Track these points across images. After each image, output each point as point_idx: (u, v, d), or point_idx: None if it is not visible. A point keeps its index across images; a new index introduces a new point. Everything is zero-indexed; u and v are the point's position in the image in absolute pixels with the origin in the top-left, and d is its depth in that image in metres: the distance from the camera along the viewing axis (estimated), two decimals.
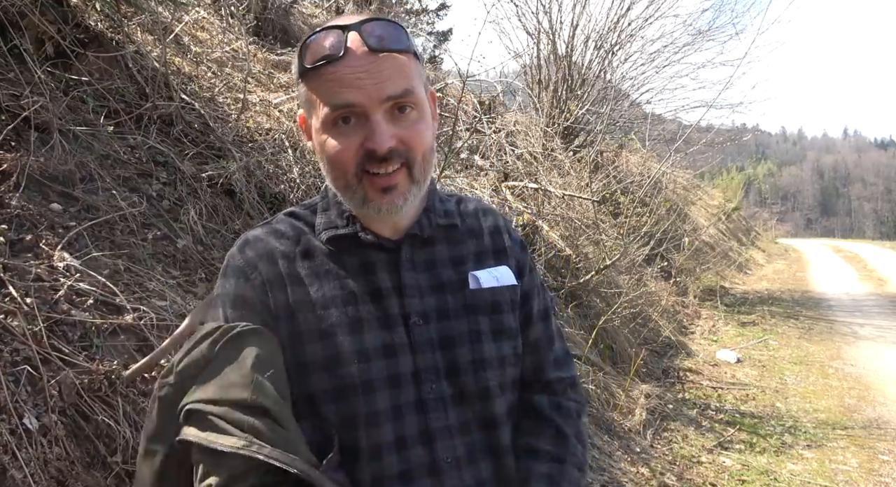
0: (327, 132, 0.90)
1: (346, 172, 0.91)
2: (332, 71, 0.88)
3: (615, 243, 5.57)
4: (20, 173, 2.04)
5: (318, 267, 0.96)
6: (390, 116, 0.89)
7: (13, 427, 1.43)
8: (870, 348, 7.03)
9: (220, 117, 3.25)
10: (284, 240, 0.98)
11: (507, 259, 1.06)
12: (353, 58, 0.87)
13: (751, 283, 12.16)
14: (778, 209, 64.72)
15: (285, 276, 0.94)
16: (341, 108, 0.88)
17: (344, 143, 0.89)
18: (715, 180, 20.69)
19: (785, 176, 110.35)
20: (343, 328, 0.92)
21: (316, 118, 0.92)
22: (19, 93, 2.27)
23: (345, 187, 0.93)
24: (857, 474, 3.82)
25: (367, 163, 0.89)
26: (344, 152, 0.89)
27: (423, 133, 0.92)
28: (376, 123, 0.87)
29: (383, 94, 0.88)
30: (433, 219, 1.02)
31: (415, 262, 0.98)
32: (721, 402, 5.02)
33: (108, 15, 2.95)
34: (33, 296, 1.70)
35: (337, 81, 0.88)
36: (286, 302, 0.93)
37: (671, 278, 7.86)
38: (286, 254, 0.96)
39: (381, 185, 0.90)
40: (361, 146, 0.88)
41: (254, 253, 0.96)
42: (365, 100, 0.87)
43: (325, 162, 0.93)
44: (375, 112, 0.88)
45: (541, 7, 7.94)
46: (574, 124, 7.67)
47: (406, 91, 0.89)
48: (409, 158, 0.91)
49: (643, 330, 5.78)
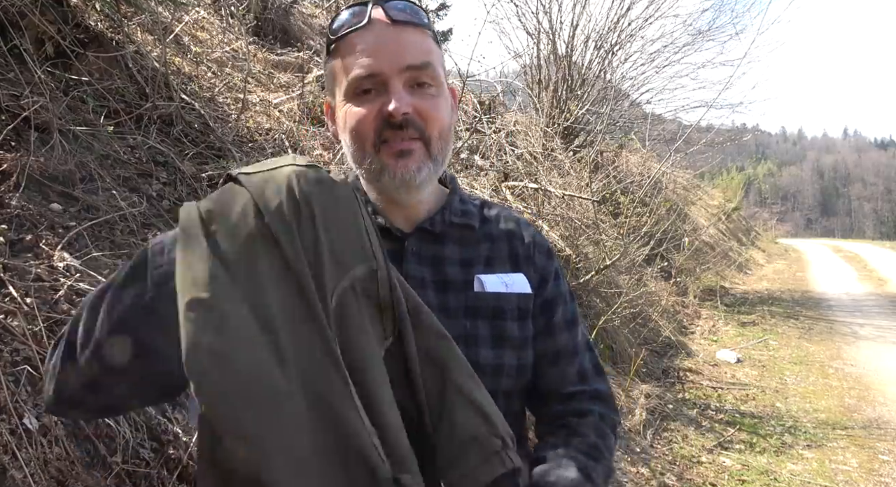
0: (349, 101, 0.92)
1: (364, 142, 0.92)
2: (355, 39, 0.90)
3: (615, 243, 5.56)
4: (20, 173, 2.04)
5: None
6: (410, 89, 0.91)
7: (13, 427, 1.43)
8: (870, 348, 7.03)
9: (220, 117, 3.25)
10: None
11: (526, 267, 1.03)
12: (375, 26, 0.90)
13: (751, 283, 12.16)
14: (778, 209, 64.78)
15: None
16: (363, 78, 0.89)
17: (365, 110, 0.90)
18: (715, 180, 20.69)
19: (785, 176, 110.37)
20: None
21: (339, 91, 0.94)
22: (19, 93, 2.27)
23: (362, 158, 0.93)
24: (857, 474, 3.82)
25: (385, 130, 0.90)
26: (363, 120, 0.90)
27: (441, 108, 0.93)
28: (395, 88, 0.89)
29: (403, 63, 0.89)
30: (447, 216, 1.01)
31: (421, 256, 0.97)
32: (721, 402, 5.02)
33: (108, 15, 2.95)
34: (33, 296, 1.70)
35: (360, 50, 0.90)
36: None
37: (671, 278, 7.86)
38: None
39: (396, 148, 0.91)
40: (380, 112, 0.89)
41: None
42: (385, 68, 0.89)
43: (346, 135, 0.94)
44: (394, 79, 0.89)
45: (541, 7, 7.94)
46: (574, 124, 7.67)
47: (425, 63, 0.91)
48: (424, 132, 0.91)
49: (643, 330, 5.78)
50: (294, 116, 3.90)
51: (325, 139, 3.91)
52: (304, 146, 3.60)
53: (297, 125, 3.78)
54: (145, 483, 1.62)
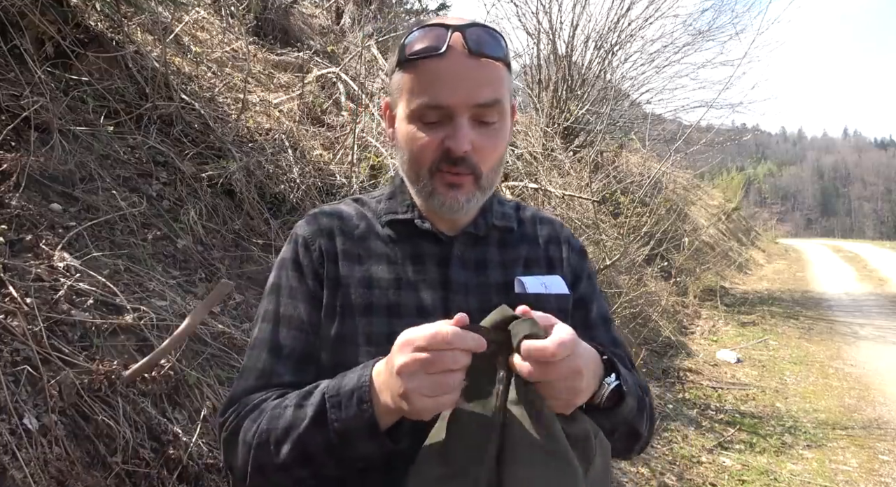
0: (413, 124, 0.93)
1: (421, 166, 0.94)
2: (430, 66, 0.90)
3: (615, 243, 5.56)
4: (20, 173, 2.04)
5: (373, 249, 1.01)
6: (473, 124, 0.92)
7: (13, 428, 1.43)
8: (870, 348, 7.03)
9: (220, 117, 3.25)
10: (347, 220, 1.04)
11: (561, 269, 1.07)
12: (453, 57, 0.90)
13: (751, 283, 12.16)
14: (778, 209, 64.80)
15: (340, 252, 1.00)
16: (432, 107, 0.90)
17: (427, 137, 0.92)
18: (715, 180, 20.67)
19: (785, 176, 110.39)
20: (381, 309, 0.96)
21: (403, 108, 0.95)
22: (19, 93, 2.27)
23: (416, 178, 0.96)
24: (857, 474, 3.82)
25: (442, 162, 0.92)
26: (424, 147, 0.92)
27: (498, 146, 0.95)
28: (459, 125, 0.90)
29: (474, 100, 0.90)
30: (490, 218, 1.04)
31: (465, 260, 1.00)
32: (721, 402, 5.02)
33: (108, 15, 2.95)
34: (33, 296, 1.70)
35: (433, 77, 0.90)
36: (336, 275, 0.98)
37: (671, 278, 7.85)
38: (346, 233, 1.02)
39: (448, 180, 0.94)
40: (442, 143, 0.91)
41: (317, 227, 1.02)
42: (456, 102, 0.90)
43: (404, 151, 0.96)
44: (462, 115, 0.90)
45: (541, 7, 7.94)
46: (574, 124, 7.67)
47: (495, 101, 0.92)
48: (477, 169, 0.93)
49: (643, 330, 5.78)
50: (294, 116, 3.90)
51: (324, 139, 3.91)
52: (304, 146, 3.61)
53: (297, 125, 3.78)
54: (145, 483, 1.62)
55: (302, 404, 0.86)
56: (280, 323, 0.98)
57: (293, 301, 0.98)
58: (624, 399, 0.90)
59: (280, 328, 0.97)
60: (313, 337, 0.97)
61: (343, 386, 0.84)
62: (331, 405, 0.83)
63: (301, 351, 0.96)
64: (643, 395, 0.99)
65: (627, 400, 0.91)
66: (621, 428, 0.93)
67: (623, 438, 0.96)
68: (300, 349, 0.96)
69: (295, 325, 0.97)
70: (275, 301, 1.00)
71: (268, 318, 0.99)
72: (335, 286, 0.98)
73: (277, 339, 0.97)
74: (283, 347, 0.96)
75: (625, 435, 0.95)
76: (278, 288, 1.01)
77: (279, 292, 1.00)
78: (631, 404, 0.92)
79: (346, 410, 0.82)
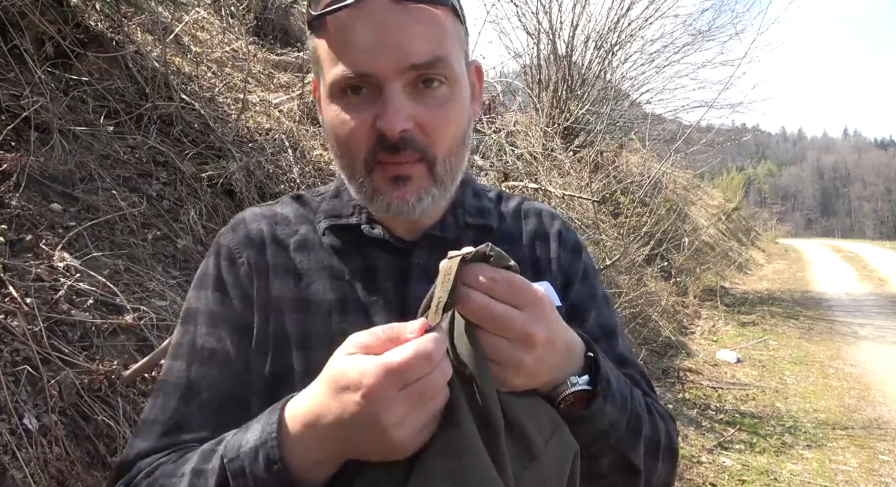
0: (335, 102, 0.72)
1: (354, 158, 0.73)
2: (342, 22, 0.69)
3: (615, 243, 5.57)
4: (20, 173, 2.04)
5: (314, 262, 0.79)
6: (412, 91, 0.70)
7: (13, 428, 1.43)
8: (870, 348, 7.03)
9: (220, 117, 3.25)
10: (283, 225, 0.83)
11: (550, 272, 0.85)
12: (371, 5, 0.68)
13: (751, 283, 12.16)
14: (778, 209, 64.88)
15: (271, 266, 0.79)
16: (352, 78, 0.69)
17: (354, 120, 0.70)
18: (715, 180, 20.68)
19: (785, 176, 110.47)
20: (322, 340, 0.74)
21: (323, 81, 0.74)
22: (19, 93, 2.27)
23: (352, 175, 0.75)
24: (857, 474, 3.82)
25: (379, 150, 0.70)
26: (354, 132, 0.71)
27: (451, 117, 0.72)
28: (390, 97, 0.68)
29: (405, 61, 0.68)
30: (461, 217, 0.83)
31: (429, 272, 0.75)
32: (721, 402, 5.02)
33: (108, 15, 2.95)
34: (33, 296, 1.70)
35: (346, 37, 0.69)
36: (268, 296, 0.77)
37: (671, 278, 7.86)
38: (279, 241, 0.81)
39: (391, 173, 0.72)
40: (374, 125, 0.70)
41: (245, 234, 0.81)
42: (379, 68, 0.68)
43: (331, 140, 0.75)
44: (392, 82, 0.68)
45: (541, 7, 7.94)
46: (574, 124, 7.67)
47: (436, 59, 0.69)
48: (427, 153, 0.71)
49: (643, 330, 5.78)
50: (294, 116, 3.90)
51: (324, 139, 3.91)
52: (304, 146, 3.61)
53: (297, 125, 3.78)
54: None
55: (201, 470, 0.64)
56: (196, 360, 0.75)
57: (214, 330, 0.76)
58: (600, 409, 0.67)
59: (195, 366, 0.75)
60: (242, 376, 0.74)
61: (244, 444, 0.61)
62: (231, 472, 0.61)
63: (224, 394, 0.73)
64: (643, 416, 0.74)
65: (607, 410, 0.68)
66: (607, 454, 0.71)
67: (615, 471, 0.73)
68: (223, 392, 0.73)
69: (218, 361, 0.75)
70: (190, 331, 0.77)
71: (180, 354, 0.76)
72: (267, 310, 0.76)
73: (192, 381, 0.74)
74: (199, 391, 0.73)
75: (616, 467, 0.73)
76: (195, 314, 0.78)
77: (196, 319, 0.77)
78: (612, 417, 0.69)
79: (252, 477, 0.60)
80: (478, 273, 0.58)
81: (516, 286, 0.59)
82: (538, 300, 0.60)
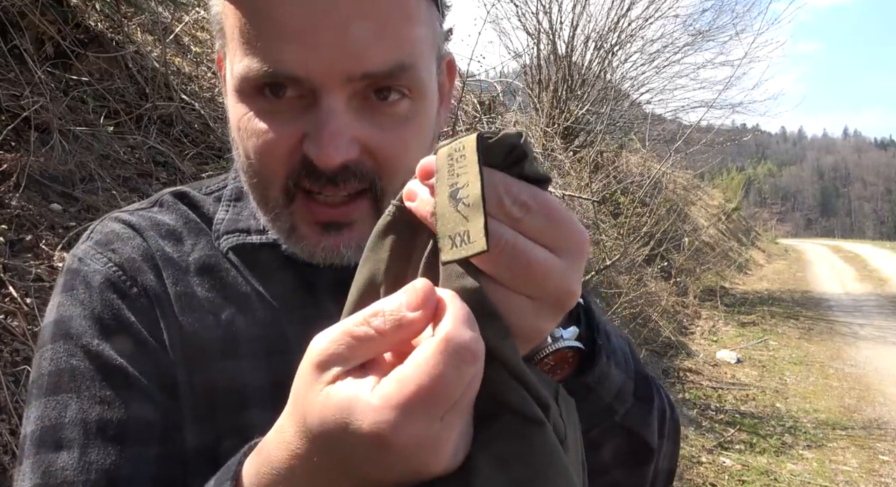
0: (245, 101, 0.52)
1: (268, 182, 0.53)
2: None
3: (615, 243, 5.57)
4: (20, 173, 2.04)
5: (227, 288, 0.58)
6: (361, 102, 0.51)
7: (13, 428, 1.43)
8: (870, 348, 7.04)
9: (220, 117, 3.25)
10: (171, 240, 0.59)
11: None
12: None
13: (751, 283, 12.16)
14: (778, 209, 64.94)
15: (174, 297, 0.56)
16: (275, 76, 0.49)
17: (272, 132, 0.51)
18: (715, 180, 20.71)
19: (785, 176, 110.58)
20: (265, 395, 0.54)
21: (230, 65, 0.53)
22: (19, 93, 2.27)
23: (264, 205, 0.55)
24: (857, 474, 3.82)
25: (304, 178, 0.51)
26: (270, 149, 0.51)
27: (411, 142, 0.53)
28: (328, 114, 0.49)
29: (356, 68, 0.48)
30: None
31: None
32: (721, 402, 5.02)
33: (108, 15, 2.95)
34: (33, 296, 1.70)
35: (269, 14, 0.48)
36: (179, 336, 0.55)
37: (671, 278, 7.86)
38: (173, 262, 0.58)
39: (320, 217, 0.53)
40: (300, 143, 0.50)
41: (126, 254, 0.57)
42: (315, 73, 0.48)
43: (238, 149, 0.55)
44: (332, 93, 0.49)
45: (541, 7, 7.95)
46: (574, 124, 7.68)
47: (399, 67, 0.50)
48: (375, 184, 0.52)
49: (643, 331, 5.78)
50: None
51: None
52: None
53: None
54: None
55: None
56: (94, 440, 0.50)
57: (114, 391, 0.51)
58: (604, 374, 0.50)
59: (95, 451, 0.50)
60: (175, 452, 0.53)
61: None
62: None
63: (156, 477, 0.51)
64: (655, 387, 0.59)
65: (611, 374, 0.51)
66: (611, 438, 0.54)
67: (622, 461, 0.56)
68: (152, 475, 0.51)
69: (135, 434, 0.51)
70: (70, 401, 0.51)
71: (68, 439, 0.51)
72: (183, 357, 0.55)
73: (97, 476, 0.49)
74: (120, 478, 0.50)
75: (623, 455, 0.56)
76: (70, 374, 0.52)
77: (76, 381, 0.52)
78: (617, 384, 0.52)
79: None
80: (501, 189, 0.34)
81: (557, 218, 0.36)
82: (583, 242, 0.37)
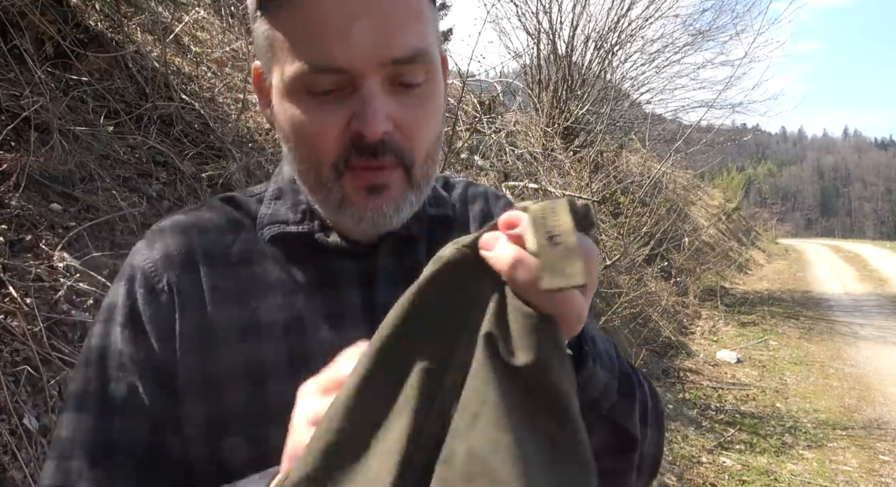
0: (295, 100, 0.61)
1: (321, 163, 0.62)
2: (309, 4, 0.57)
3: (615, 243, 5.57)
4: (20, 173, 2.04)
5: (258, 277, 0.67)
6: (390, 87, 0.60)
7: (13, 428, 1.43)
8: (870, 348, 7.04)
9: (219, 117, 3.25)
10: (214, 234, 0.69)
11: None
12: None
13: (751, 283, 12.16)
14: (778, 209, 64.96)
15: (207, 290, 0.65)
16: (322, 72, 0.58)
17: (323, 121, 0.60)
18: (715, 180, 20.70)
19: (785, 176, 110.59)
20: (281, 369, 0.63)
21: (279, 73, 0.61)
22: (19, 93, 2.27)
23: (317, 184, 0.64)
24: (857, 474, 3.82)
25: (352, 155, 0.61)
26: (323, 135, 0.60)
27: (431, 118, 0.64)
28: (369, 95, 0.58)
29: (388, 55, 0.58)
30: (426, 209, 0.74)
31: (394, 274, 0.69)
32: (721, 402, 5.02)
33: (108, 15, 2.95)
34: (33, 296, 1.70)
35: (316, 23, 0.57)
36: (199, 326, 0.63)
37: (671, 278, 7.86)
38: (213, 256, 0.67)
39: (366, 181, 0.62)
40: (348, 126, 0.59)
41: (163, 252, 0.66)
42: (357, 62, 0.57)
43: (290, 144, 0.64)
44: (371, 78, 0.58)
45: (541, 7, 7.95)
46: (574, 124, 7.68)
47: (418, 52, 0.60)
48: (405, 157, 0.62)
49: (643, 331, 5.78)
50: None
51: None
52: None
53: None
54: None
55: None
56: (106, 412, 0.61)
57: (125, 375, 0.62)
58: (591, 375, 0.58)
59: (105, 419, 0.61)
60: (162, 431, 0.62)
61: None
62: None
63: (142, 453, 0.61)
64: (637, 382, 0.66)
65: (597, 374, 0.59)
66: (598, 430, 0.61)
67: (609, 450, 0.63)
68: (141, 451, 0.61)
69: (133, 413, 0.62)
70: (98, 375, 0.63)
71: (86, 406, 0.62)
72: (205, 345, 0.63)
73: (108, 437, 0.61)
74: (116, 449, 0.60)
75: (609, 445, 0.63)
76: (101, 355, 0.63)
77: (106, 361, 0.63)
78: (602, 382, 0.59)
79: None
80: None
81: (595, 266, 0.46)
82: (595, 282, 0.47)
